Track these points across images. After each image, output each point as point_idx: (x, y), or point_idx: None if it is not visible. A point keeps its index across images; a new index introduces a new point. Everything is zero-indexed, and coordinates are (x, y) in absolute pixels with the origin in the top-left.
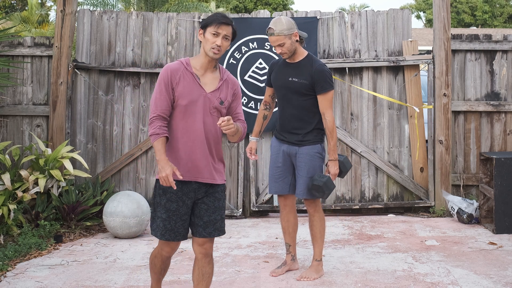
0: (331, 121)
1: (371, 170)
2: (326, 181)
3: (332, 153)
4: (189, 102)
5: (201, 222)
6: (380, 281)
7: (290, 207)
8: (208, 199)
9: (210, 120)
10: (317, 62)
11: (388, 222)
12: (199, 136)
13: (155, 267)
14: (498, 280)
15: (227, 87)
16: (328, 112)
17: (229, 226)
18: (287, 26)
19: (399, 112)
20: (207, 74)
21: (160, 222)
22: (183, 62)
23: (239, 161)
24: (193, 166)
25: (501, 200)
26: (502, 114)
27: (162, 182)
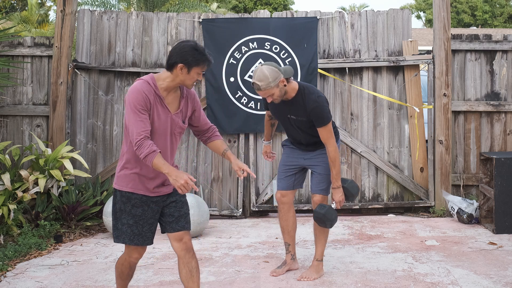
0: (333, 150)
1: (371, 170)
2: (326, 212)
3: (334, 181)
4: (158, 126)
5: (172, 218)
6: (380, 281)
7: (289, 205)
8: (175, 197)
9: (173, 139)
10: (310, 97)
11: (388, 222)
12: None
13: (123, 274)
14: (498, 280)
15: (187, 104)
16: (329, 142)
17: (229, 226)
18: (272, 77)
19: (399, 112)
20: (170, 94)
21: (127, 228)
22: (150, 84)
23: None
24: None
25: (501, 200)
26: (502, 114)
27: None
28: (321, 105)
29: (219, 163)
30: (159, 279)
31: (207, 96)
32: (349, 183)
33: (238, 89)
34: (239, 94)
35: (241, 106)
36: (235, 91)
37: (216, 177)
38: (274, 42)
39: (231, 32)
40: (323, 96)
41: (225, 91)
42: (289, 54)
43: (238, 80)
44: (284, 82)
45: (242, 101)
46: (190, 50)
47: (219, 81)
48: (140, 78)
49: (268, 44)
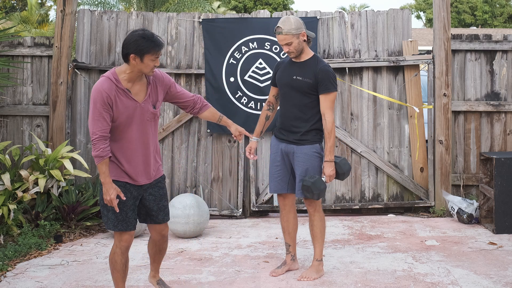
0: (330, 121)
1: (371, 170)
2: (315, 182)
3: (328, 154)
4: (127, 117)
5: (153, 212)
6: (380, 281)
7: (290, 206)
8: (154, 190)
9: (146, 126)
10: (322, 62)
11: (388, 222)
12: (138, 144)
13: (117, 264)
14: (498, 280)
15: (155, 89)
16: (328, 113)
17: (229, 226)
18: (295, 25)
19: (399, 112)
20: (135, 84)
21: (111, 215)
22: (112, 79)
23: (239, 161)
24: (134, 173)
25: (501, 200)
26: (502, 114)
27: (106, 203)
28: (331, 72)
29: (219, 163)
30: None
31: (207, 96)
32: (342, 160)
33: (238, 89)
34: (239, 94)
35: (241, 106)
36: (235, 91)
37: (216, 177)
38: (274, 42)
39: (231, 32)
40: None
41: (225, 91)
42: None
43: (238, 80)
44: (304, 37)
45: (242, 101)
46: (138, 39)
47: (219, 81)
48: (103, 75)
49: (268, 44)
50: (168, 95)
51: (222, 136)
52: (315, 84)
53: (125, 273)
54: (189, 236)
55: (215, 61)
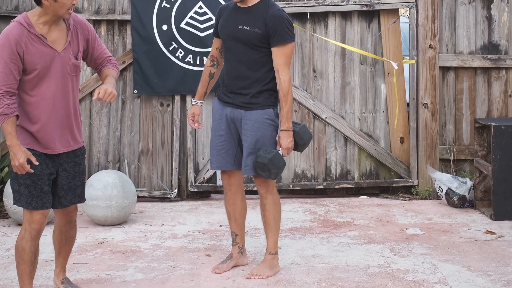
0: (286, 80)
1: (338, 141)
2: (273, 158)
3: (285, 121)
4: (42, 68)
5: (62, 192)
6: (350, 280)
7: (236, 186)
8: (69, 165)
9: (66, 81)
10: (275, 6)
11: (360, 206)
12: (57, 103)
13: (24, 253)
14: (497, 278)
15: (77, 36)
16: (284, 70)
17: (162, 211)
18: None
19: (373, 69)
20: (52, 29)
21: (24, 189)
22: (23, 23)
23: (174, 129)
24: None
25: (501, 178)
26: (502, 70)
27: (16, 170)
28: (285, 18)
29: (149, 132)
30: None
31: (133, 48)
32: (301, 128)
33: (173, 40)
34: (173, 46)
35: (177, 61)
36: (169, 42)
37: (145, 150)
38: None
39: None
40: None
41: (156, 42)
42: None
43: (173, 28)
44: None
45: (178, 55)
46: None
47: (148, 29)
48: (13, 20)
49: None
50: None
51: (152, 98)
52: (266, 35)
53: (33, 266)
54: (111, 223)
55: (144, 5)
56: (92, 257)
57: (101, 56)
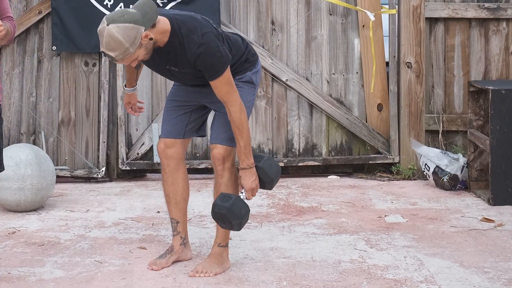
0: (237, 111)
1: (302, 109)
2: (231, 206)
3: (244, 158)
4: None
5: None
6: (316, 278)
7: (177, 161)
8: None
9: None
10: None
11: (329, 188)
12: None
13: None
14: (497, 275)
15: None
16: (230, 99)
17: (86, 194)
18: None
19: (345, 20)
20: None
21: None
22: None
23: (101, 94)
24: None
25: (500, 154)
26: (502, 22)
27: None
28: (208, 49)
29: (71, 98)
30: None
31: None
32: (265, 161)
33: None
34: None
35: (105, 11)
36: None
37: (66, 119)
38: None
39: None
40: (210, 31)
41: None
42: None
43: None
44: (148, 36)
45: (106, 3)
46: None
47: None
48: None
49: None
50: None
51: (75, 56)
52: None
53: None
54: (24, 209)
55: None
56: (2, 250)
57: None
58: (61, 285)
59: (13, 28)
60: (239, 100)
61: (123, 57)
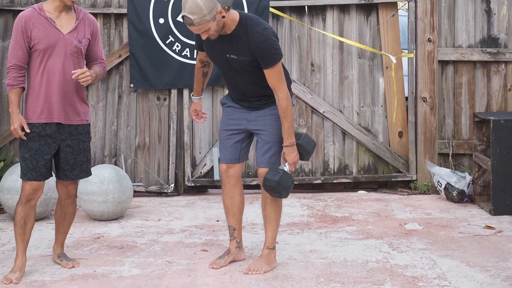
0: (283, 98)
1: (336, 135)
2: (280, 179)
3: (287, 137)
4: (47, 46)
5: (67, 165)
6: (348, 275)
7: (235, 180)
8: (73, 142)
9: (70, 61)
10: (254, 30)
11: (358, 201)
12: (57, 78)
13: (15, 215)
14: (497, 273)
15: (84, 26)
16: (279, 87)
17: (158, 206)
18: (207, 8)
19: (371, 62)
20: (62, 16)
21: (22, 162)
22: (36, 8)
23: (171, 123)
24: (49, 108)
25: (500, 173)
26: (501, 64)
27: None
28: (269, 39)
29: (145, 127)
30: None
31: (130, 42)
32: (304, 138)
33: (170, 33)
34: (170, 40)
35: (173, 55)
36: (166, 36)
37: (141, 144)
38: None
39: None
40: (270, 28)
41: (152, 36)
42: None
43: (170, 21)
44: (222, 13)
45: (175, 49)
46: None
47: (145, 22)
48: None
49: None
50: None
51: (149, 92)
52: (255, 60)
53: (24, 231)
54: (107, 218)
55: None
56: (89, 252)
57: (96, 55)
58: (138, 281)
59: (102, 70)
60: (286, 89)
61: (200, 21)
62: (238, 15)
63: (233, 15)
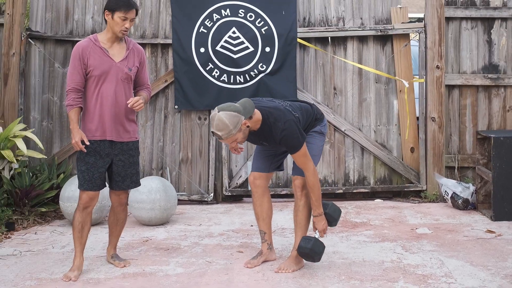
0: (311, 175)
1: (356, 151)
2: (313, 246)
3: (315, 208)
4: (101, 73)
5: (119, 177)
6: (366, 273)
7: (263, 189)
8: (124, 156)
9: (121, 86)
10: (276, 127)
11: (375, 208)
12: (110, 100)
13: (74, 221)
14: (497, 272)
15: (133, 55)
16: (306, 167)
17: (199, 213)
18: (232, 124)
19: (387, 87)
20: (114, 46)
21: (80, 174)
22: (91, 39)
23: (210, 140)
24: (102, 127)
25: (500, 184)
26: (501, 88)
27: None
28: (289, 133)
29: (188, 143)
30: (122, 271)
31: (174, 68)
32: (331, 207)
33: (209, 61)
34: (210, 67)
35: (213, 80)
36: (206, 63)
37: (184, 158)
38: (249, 9)
39: None
40: (291, 119)
41: (194, 63)
42: (265, 23)
43: (209, 50)
44: (246, 124)
45: (214, 74)
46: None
47: (188, 52)
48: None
49: (242, 11)
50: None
51: (191, 113)
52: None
53: (81, 235)
54: (155, 223)
55: (184, 30)
56: (138, 253)
57: (142, 81)
58: (181, 279)
59: (149, 95)
60: (313, 166)
61: (227, 136)
62: (260, 115)
63: (257, 117)
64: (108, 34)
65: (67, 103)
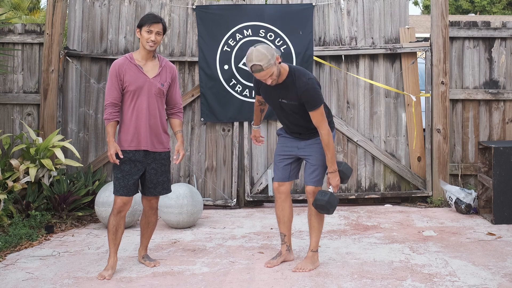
0: (325, 133)
1: (367, 160)
2: (329, 199)
3: (330, 165)
4: (136, 88)
5: (151, 184)
6: (376, 272)
7: (286, 195)
8: (156, 165)
9: (154, 100)
10: (300, 79)
11: (385, 212)
12: (144, 114)
13: (108, 224)
14: (497, 271)
15: (166, 72)
16: (321, 126)
17: (223, 217)
18: (270, 54)
19: (396, 101)
20: (148, 63)
21: (116, 181)
22: (127, 57)
23: (233, 150)
24: (138, 138)
25: (499, 190)
26: (500, 102)
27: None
28: (312, 87)
29: (213, 152)
30: (152, 270)
31: (200, 84)
32: (344, 166)
33: (232, 77)
34: (233, 82)
35: (235, 94)
36: (229, 79)
37: (210, 167)
38: (269, 29)
39: (225, 19)
40: (314, 78)
41: (219, 79)
42: (284, 42)
43: (233, 67)
44: (279, 59)
45: (237, 89)
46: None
47: (213, 68)
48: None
49: (262, 31)
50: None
51: (216, 125)
52: (301, 103)
53: (115, 237)
54: (182, 226)
55: (209, 49)
56: (167, 254)
57: (174, 99)
58: (207, 277)
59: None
60: (327, 126)
61: (268, 65)
62: (287, 67)
63: (285, 66)
64: (141, 52)
65: (105, 117)
